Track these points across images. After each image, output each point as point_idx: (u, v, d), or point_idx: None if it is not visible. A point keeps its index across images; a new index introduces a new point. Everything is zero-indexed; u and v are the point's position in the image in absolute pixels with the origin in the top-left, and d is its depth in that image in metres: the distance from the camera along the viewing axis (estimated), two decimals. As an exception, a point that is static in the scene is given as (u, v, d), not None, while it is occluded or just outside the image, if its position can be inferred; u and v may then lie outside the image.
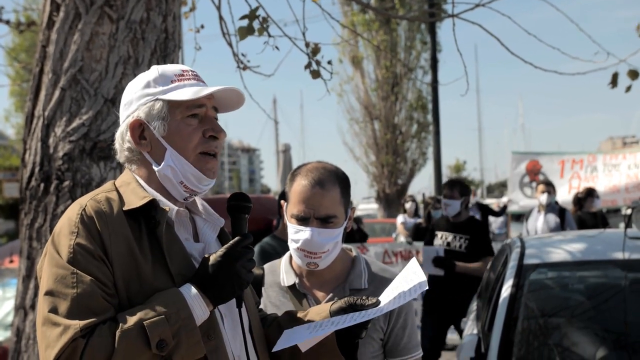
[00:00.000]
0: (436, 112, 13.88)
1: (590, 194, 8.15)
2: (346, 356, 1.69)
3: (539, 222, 7.51)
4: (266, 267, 2.24)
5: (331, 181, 2.02)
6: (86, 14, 3.24)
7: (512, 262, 3.63)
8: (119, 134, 1.63)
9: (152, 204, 1.51)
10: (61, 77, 3.25)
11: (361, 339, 1.69)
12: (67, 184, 3.17)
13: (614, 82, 4.56)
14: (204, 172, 1.58)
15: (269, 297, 2.14)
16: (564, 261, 3.65)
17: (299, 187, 2.02)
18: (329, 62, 4.38)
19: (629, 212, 3.66)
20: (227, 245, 1.50)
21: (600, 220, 7.77)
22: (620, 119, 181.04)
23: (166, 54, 3.43)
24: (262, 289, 2.17)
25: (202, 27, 5.36)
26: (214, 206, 1.73)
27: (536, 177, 10.47)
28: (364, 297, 1.67)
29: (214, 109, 1.63)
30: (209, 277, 1.46)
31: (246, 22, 3.91)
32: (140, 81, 1.62)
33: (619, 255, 3.46)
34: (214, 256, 1.49)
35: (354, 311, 1.64)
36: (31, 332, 3.21)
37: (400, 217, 11.65)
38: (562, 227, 7.27)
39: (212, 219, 1.68)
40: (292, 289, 2.12)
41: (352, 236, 8.39)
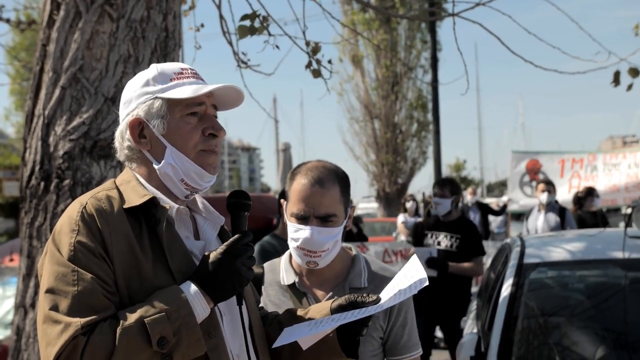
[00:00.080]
0: (436, 111, 13.88)
1: (590, 193, 8.15)
2: (347, 353, 1.69)
3: (539, 222, 7.51)
4: (266, 265, 2.24)
5: (331, 180, 2.02)
6: (86, 12, 3.24)
7: (512, 261, 3.63)
8: (118, 133, 1.63)
9: (153, 202, 1.51)
10: (61, 76, 3.25)
11: (362, 336, 1.69)
12: (67, 182, 3.18)
13: (616, 80, 4.56)
14: (205, 168, 1.58)
15: (269, 296, 2.14)
16: (564, 260, 3.66)
17: (299, 185, 2.02)
18: (329, 61, 4.38)
19: (629, 211, 3.67)
20: (227, 242, 1.50)
21: (600, 219, 7.77)
22: (620, 118, 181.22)
23: (166, 53, 3.44)
24: (262, 287, 2.17)
25: (202, 25, 5.35)
26: (214, 205, 1.73)
27: (536, 176, 10.47)
28: (364, 295, 1.67)
29: (214, 107, 1.63)
30: (209, 275, 1.46)
31: (247, 22, 3.91)
32: (139, 80, 1.62)
33: (619, 254, 3.46)
34: (215, 253, 1.49)
35: (355, 309, 1.64)
36: (31, 330, 3.21)
37: (400, 217, 11.65)
38: (562, 226, 7.27)
39: (212, 217, 1.68)
40: (292, 287, 2.12)
41: (352, 238, 8.39)
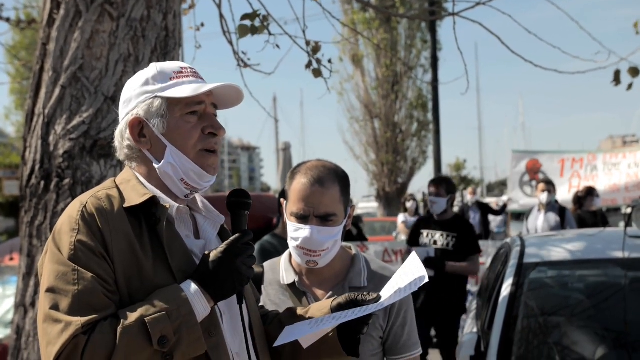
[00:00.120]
0: (436, 111, 13.89)
1: (590, 193, 8.16)
2: (348, 352, 1.69)
3: (539, 221, 7.51)
4: (266, 265, 2.24)
5: (331, 179, 2.02)
6: (87, 11, 3.24)
7: (512, 261, 3.63)
8: (118, 132, 1.63)
9: (153, 201, 1.51)
10: (61, 75, 3.25)
11: (363, 334, 1.69)
12: (67, 181, 3.18)
13: (617, 79, 4.56)
14: (205, 169, 1.58)
15: (269, 295, 2.14)
16: (564, 260, 3.65)
17: (299, 185, 2.02)
18: (330, 61, 4.38)
19: (629, 211, 3.67)
20: (227, 241, 1.50)
21: (600, 219, 7.78)
22: (620, 118, 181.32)
23: (166, 52, 3.44)
24: (262, 287, 2.17)
25: (203, 25, 5.35)
26: (214, 204, 1.73)
27: (536, 175, 10.47)
28: (364, 293, 1.67)
29: (213, 106, 1.63)
30: (209, 274, 1.46)
31: (247, 22, 3.91)
32: (139, 79, 1.62)
33: (619, 254, 3.47)
34: (215, 252, 1.49)
35: (355, 307, 1.64)
36: (31, 329, 3.21)
37: (401, 216, 11.65)
38: (562, 226, 7.27)
39: (212, 216, 1.68)
40: (292, 287, 2.12)
41: (352, 240, 8.38)
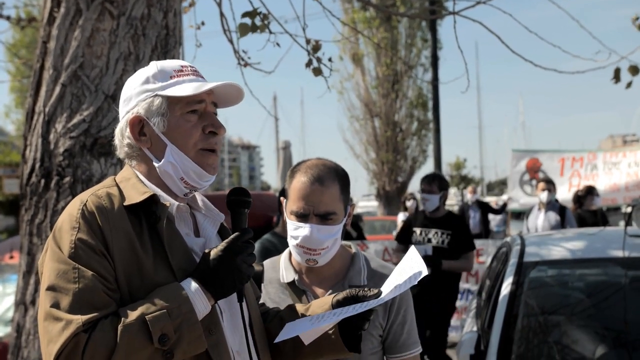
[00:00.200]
0: (436, 110, 13.89)
1: (590, 192, 8.16)
2: (349, 348, 1.69)
3: (539, 220, 7.51)
4: (266, 263, 2.24)
5: (331, 178, 2.02)
6: (87, 10, 3.24)
7: (512, 260, 3.63)
8: (118, 130, 1.63)
9: (153, 199, 1.51)
10: (62, 73, 3.25)
11: (364, 330, 1.69)
12: (67, 180, 3.18)
13: (617, 77, 4.56)
14: (205, 168, 1.58)
15: (269, 294, 2.14)
16: (564, 259, 3.66)
17: (299, 183, 2.02)
18: (330, 60, 4.38)
19: (629, 210, 3.67)
20: (227, 239, 1.50)
21: (600, 218, 7.78)
22: (620, 117, 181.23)
23: (167, 51, 3.44)
24: (262, 285, 2.17)
25: (203, 23, 5.34)
26: (214, 202, 1.73)
27: (536, 175, 10.47)
28: (365, 289, 1.67)
29: (214, 104, 1.63)
30: (209, 272, 1.46)
31: (248, 20, 3.91)
32: (139, 77, 1.62)
33: (619, 253, 3.47)
34: (215, 250, 1.49)
35: (356, 303, 1.64)
36: (31, 327, 3.22)
37: (401, 215, 11.65)
38: (562, 225, 7.28)
39: (212, 214, 1.68)
40: (292, 285, 2.13)
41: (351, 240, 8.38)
